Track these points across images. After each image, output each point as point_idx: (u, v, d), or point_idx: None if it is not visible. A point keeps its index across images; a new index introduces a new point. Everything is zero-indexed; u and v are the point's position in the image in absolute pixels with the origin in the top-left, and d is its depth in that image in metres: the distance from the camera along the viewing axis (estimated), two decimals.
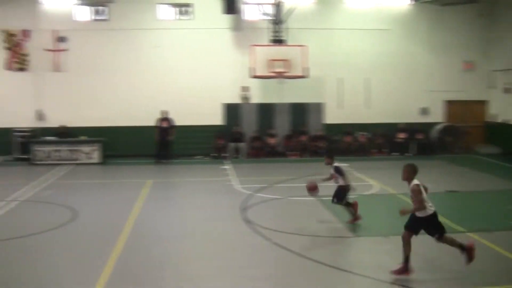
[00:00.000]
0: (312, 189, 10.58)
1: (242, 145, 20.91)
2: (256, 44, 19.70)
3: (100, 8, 21.36)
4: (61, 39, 21.07)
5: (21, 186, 15.06)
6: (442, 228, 7.66)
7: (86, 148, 19.92)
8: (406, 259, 7.57)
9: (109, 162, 19.78)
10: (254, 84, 21.03)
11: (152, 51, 21.34)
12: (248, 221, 10.99)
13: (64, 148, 19.85)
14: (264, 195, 13.56)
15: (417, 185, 7.44)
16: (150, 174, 17.54)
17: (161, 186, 15.35)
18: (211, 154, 20.94)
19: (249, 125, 21.62)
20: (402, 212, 7.57)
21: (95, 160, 19.77)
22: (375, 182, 15.16)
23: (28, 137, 20.36)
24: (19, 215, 11.90)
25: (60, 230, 10.51)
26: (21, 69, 21.04)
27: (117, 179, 16.72)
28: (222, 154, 20.71)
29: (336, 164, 10.69)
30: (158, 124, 20.24)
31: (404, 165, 7.64)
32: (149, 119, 20.38)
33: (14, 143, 20.46)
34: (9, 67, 21.00)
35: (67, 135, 20.57)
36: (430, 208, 7.51)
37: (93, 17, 21.33)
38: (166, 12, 21.54)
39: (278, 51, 19.51)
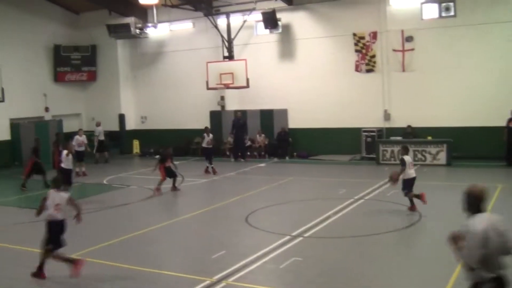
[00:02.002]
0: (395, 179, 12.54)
1: None
2: None
3: (447, 4, 21.64)
4: (408, 39, 22.28)
5: (367, 185, 16.90)
6: None
7: (432, 149, 20.56)
8: None
9: (455, 164, 20.03)
10: None
11: (506, 45, 20.58)
12: None
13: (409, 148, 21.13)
14: None
15: None
16: (500, 178, 17.14)
17: None
18: None
19: None
20: None
21: (441, 162, 20.23)
22: None
23: (375, 137, 22.43)
24: (363, 213, 13.37)
25: (407, 230, 11.53)
26: (369, 71, 23.28)
27: (464, 182, 16.92)
28: None
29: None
30: (508, 124, 19.54)
31: None
32: (498, 119, 19.94)
33: (363, 143, 22.96)
34: (358, 69, 23.58)
35: (412, 135, 21.93)
36: None
37: (440, 14, 21.79)
38: None
39: None
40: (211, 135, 21.68)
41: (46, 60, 28.34)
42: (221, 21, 26.11)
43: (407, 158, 13.14)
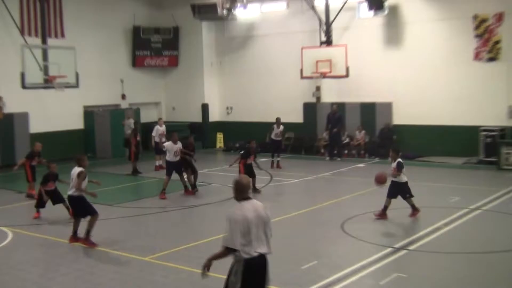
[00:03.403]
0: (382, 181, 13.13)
1: None
2: None
3: None
4: None
5: (485, 193, 16.35)
6: None
7: None
8: None
9: None
10: None
11: None
12: None
13: None
14: None
15: None
16: None
17: None
18: None
19: None
20: None
21: None
22: None
23: (496, 137, 21.55)
24: (480, 227, 13.07)
25: None
26: (492, 59, 22.40)
27: None
28: None
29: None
30: None
31: None
32: None
33: (481, 144, 22.11)
34: (477, 57, 22.76)
35: None
36: None
37: None
38: None
39: None
40: (281, 127, 22.78)
41: (124, 43, 29.53)
42: (319, 2, 26.10)
43: None
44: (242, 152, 18.78)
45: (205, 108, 30.27)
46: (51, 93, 24.26)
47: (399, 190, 13.73)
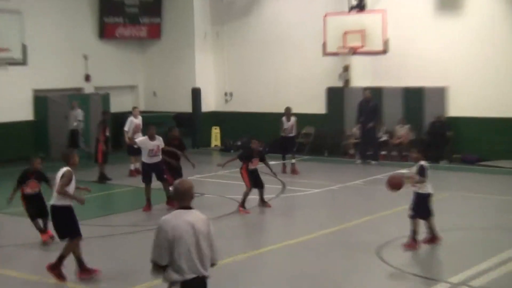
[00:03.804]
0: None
1: None
2: None
3: None
4: None
5: None
6: None
7: None
8: None
9: None
10: None
11: None
12: None
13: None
14: None
15: None
16: None
17: None
18: None
19: None
20: None
21: None
22: None
23: None
24: None
25: None
26: None
27: None
28: None
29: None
30: None
31: None
32: None
33: None
34: None
35: None
36: None
37: None
38: None
39: None
40: (292, 119, 23.02)
41: (88, 6, 29.60)
42: None
43: None
44: (240, 153, 18.74)
45: (196, 94, 30.42)
46: None
47: (421, 205, 13.39)
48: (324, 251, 13.54)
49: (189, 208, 7.17)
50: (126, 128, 22.69)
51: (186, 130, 29.71)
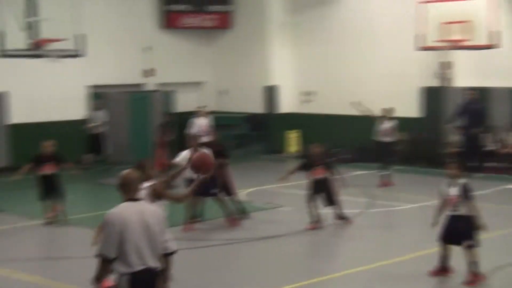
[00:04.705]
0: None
1: None
2: None
3: None
4: None
5: None
6: None
7: None
8: None
9: None
10: None
11: None
12: None
13: None
14: None
15: None
16: None
17: None
18: None
19: None
20: None
21: None
22: None
23: None
24: None
25: None
26: None
27: None
28: None
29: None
30: None
31: None
32: None
33: None
34: None
35: None
36: None
37: None
38: None
39: None
40: (391, 122, 22.93)
41: None
42: None
43: None
44: (301, 162, 18.54)
45: (271, 92, 30.66)
46: (41, 65, 24.69)
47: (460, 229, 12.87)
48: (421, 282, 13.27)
49: (136, 200, 7.85)
50: (191, 131, 22.77)
51: (259, 132, 30.42)
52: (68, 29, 23.63)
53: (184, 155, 16.90)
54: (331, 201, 17.10)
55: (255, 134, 30.30)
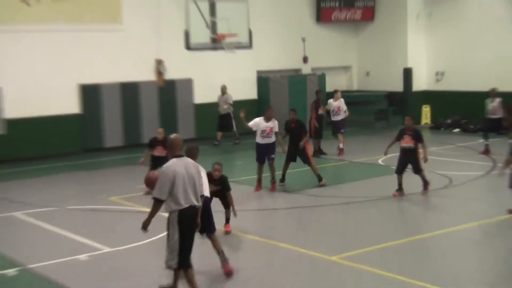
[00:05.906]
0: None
1: None
2: None
3: None
4: None
5: None
6: None
7: None
8: None
9: None
10: None
11: None
12: None
13: None
14: None
15: None
16: None
17: None
18: None
19: None
20: None
21: None
22: None
23: None
24: None
25: None
26: None
27: None
28: None
29: None
30: None
31: None
32: None
33: None
34: None
35: None
36: None
37: None
38: None
39: None
40: (497, 100, 23.33)
41: None
42: None
43: None
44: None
45: (408, 73, 32.42)
46: (219, 56, 28.01)
47: None
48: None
49: (181, 156, 9.79)
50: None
51: (397, 107, 31.89)
52: (240, 25, 27.13)
53: (255, 121, 18.47)
54: (416, 169, 17.24)
55: (393, 109, 31.75)
